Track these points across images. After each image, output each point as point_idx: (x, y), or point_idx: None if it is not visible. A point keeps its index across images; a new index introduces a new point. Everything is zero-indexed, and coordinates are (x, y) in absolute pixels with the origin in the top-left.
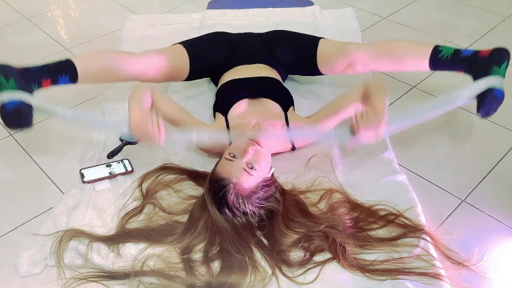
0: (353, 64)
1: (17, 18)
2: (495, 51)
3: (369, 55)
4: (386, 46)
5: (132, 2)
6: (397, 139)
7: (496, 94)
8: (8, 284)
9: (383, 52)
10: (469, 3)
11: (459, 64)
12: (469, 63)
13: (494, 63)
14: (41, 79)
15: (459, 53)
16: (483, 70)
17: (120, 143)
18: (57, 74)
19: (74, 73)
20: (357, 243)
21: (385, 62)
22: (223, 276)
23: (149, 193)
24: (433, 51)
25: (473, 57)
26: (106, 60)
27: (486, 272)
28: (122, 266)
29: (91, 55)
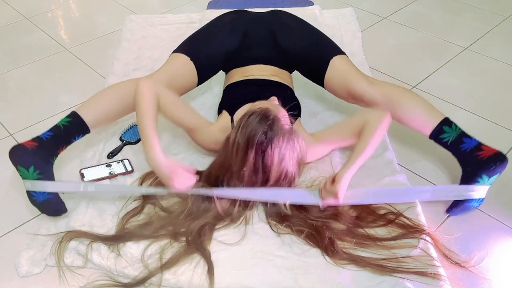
0: (358, 100)
1: (17, 18)
2: (494, 158)
3: (375, 102)
4: (396, 99)
5: (132, 2)
6: (397, 139)
7: (469, 206)
8: (8, 284)
9: (390, 105)
10: (469, 3)
11: (456, 154)
12: (465, 159)
13: (485, 173)
14: (57, 150)
15: (461, 143)
16: (472, 174)
17: (120, 143)
18: (70, 139)
19: (85, 129)
20: (353, 240)
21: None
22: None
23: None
24: (437, 128)
25: (471, 154)
26: (111, 101)
27: (485, 272)
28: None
29: (95, 100)
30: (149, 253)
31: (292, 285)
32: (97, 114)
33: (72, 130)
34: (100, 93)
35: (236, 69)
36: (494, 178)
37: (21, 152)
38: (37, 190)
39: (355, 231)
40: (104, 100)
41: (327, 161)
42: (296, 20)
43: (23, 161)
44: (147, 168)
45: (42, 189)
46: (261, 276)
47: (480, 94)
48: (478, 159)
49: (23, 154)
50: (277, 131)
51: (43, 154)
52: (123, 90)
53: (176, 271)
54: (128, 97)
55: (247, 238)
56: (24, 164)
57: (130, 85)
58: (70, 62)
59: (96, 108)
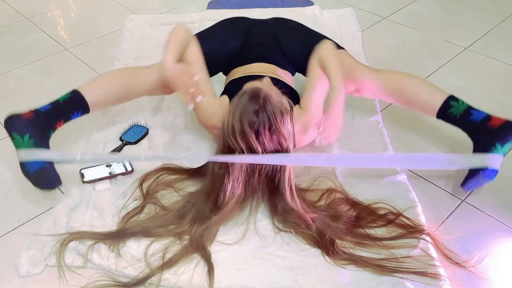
0: (361, 90)
1: (17, 18)
2: (504, 126)
3: (378, 88)
4: (398, 82)
5: (132, 2)
6: (397, 139)
7: (486, 175)
8: (8, 284)
9: (393, 89)
10: (470, 3)
11: (465, 126)
12: (475, 130)
13: (498, 141)
14: (55, 124)
15: (469, 115)
16: (485, 144)
17: (120, 143)
18: (69, 114)
19: (85, 107)
20: (352, 239)
21: (394, 97)
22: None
23: (150, 193)
24: (444, 104)
25: (481, 124)
26: (114, 84)
27: (485, 272)
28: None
29: (98, 82)
30: (151, 252)
31: (292, 285)
32: (98, 95)
33: (71, 105)
34: (104, 75)
35: (237, 68)
36: (508, 146)
37: (17, 120)
38: (31, 159)
39: (355, 231)
40: (108, 82)
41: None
42: (297, 24)
43: (18, 129)
44: (147, 168)
45: (36, 158)
46: (261, 276)
47: (480, 94)
48: (490, 129)
49: (18, 122)
50: (268, 109)
51: (40, 125)
52: (128, 75)
53: (176, 271)
54: (131, 83)
55: (247, 238)
56: (19, 132)
57: (135, 71)
58: (70, 62)
59: (98, 89)
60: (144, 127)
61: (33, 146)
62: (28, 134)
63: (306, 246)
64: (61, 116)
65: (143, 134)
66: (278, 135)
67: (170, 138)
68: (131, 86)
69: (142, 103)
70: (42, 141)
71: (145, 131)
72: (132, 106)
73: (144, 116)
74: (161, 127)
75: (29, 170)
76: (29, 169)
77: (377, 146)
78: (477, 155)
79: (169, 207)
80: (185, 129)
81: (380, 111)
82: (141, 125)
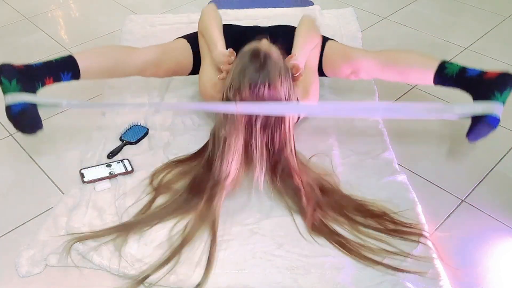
0: (357, 71)
1: (17, 18)
2: (501, 76)
3: (373, 64)
4: (392, 56)
5: (132, 2)
6: (397, 139)
7: (489, 121)
8: (8, 284)
9: (388, 63)
10: (469, 3)
11: (463, 83)
12: (473, 84)
13: (496, 89)
14: (44, 78)
15: (465, 72)
16: (484, 94)
17: (120, 143)
18: (59, 72)
19: (76, 70)
20: (335, 215)
21: (390, 72)
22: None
23: (162, 185)
24: (439, 67)
25: (478, 78)
26: (108, 56)
27: (486, 272)
28: (134, 273)
29: (92, 51)
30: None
31: (292, 285)
32: (91, 63)
33: (63, 65)
34: (101, 47)
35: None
36: (507, 94)
37: (7, 67)
38: (16, 101)
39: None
40: (102, 52)
41: (327, 161)
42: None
43: (7, 74)
44: (147, 168)
45: (21, 100)
46: (261, 276)
47: None
48: (487, 80)
49: (8, 68)
50: (269, 66)
51: (29, 76)
52: (124, 50)
53: (176, 271)
54: (124, 63)
55: (247, 238)
56: (7, 77)
57: (129, 52)
58: None
59: (92, 57)
60: (144, 127)
61: (19, 91)
62: (15, 79)
63: (306, 245)
64: (51, 73)
65: (143, 134)
66: (276, 92)
67: (170, 138)
68: (125, 61)
69: (142, 103)
70: (28, 89)
71: (145, 131)
72: (132, 106)
73: (144, 116)
74: (161, 127)
75: (13, 112)
76: (13, 111)
77: (377, 146)
78: (477, 103)
79: (180, 190)
80: (185, 129)
81: None
82: (141, 125)
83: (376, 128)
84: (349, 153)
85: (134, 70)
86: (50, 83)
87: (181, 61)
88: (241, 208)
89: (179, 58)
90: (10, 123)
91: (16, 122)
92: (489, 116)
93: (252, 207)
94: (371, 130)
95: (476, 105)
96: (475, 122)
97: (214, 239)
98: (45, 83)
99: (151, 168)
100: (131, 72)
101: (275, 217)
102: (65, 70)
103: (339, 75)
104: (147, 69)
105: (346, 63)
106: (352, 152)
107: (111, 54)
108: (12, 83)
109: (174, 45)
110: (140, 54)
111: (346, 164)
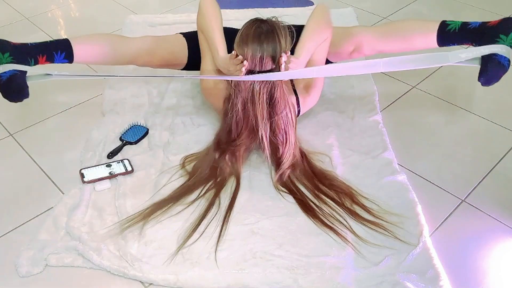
0: (359, 47)
1: (17, 18)
2: (504, 20)
3: (375, 36)
4: (392, 26)
5: (132, 2)
6: (397, 139)
7: (500, 60)
8: (8, 284)
9: (390, 32)
10: (469, 3)
11: (467, 36)
12: (477, 34)
13: (501, 32)
14: (37, 55)
15: (467, 25)
16: (489, 39)
17: (120, 143)
18: (52, 52)
19: (70, 52)
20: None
21: (392, 41)
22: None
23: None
24: (441, 25)
25: (481, 27)
26: (102, 41)
27: (486, 272)
28: (134, 272)
29: (88, 36)
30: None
31: (292, 285)
32: (84, 48)
33: (57, 46)
34: (95, 34)
35: None
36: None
37: (2, 41)
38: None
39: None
40: (95, 40)
41: (327, 161)
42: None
43: (1, 47)
44: (147, 168)
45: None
46: (261, 276)
47: (480, 94)
48: (490, 27)
49: (3, 43)
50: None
51: (23, 52)
52: (115, 41)
53: (176, 271)
54: (116, 49)
55: (247, 238)
56: (1, 50)
57: (122, 39)
58: None
59: (86, 41)
60: (144, 127)
61: (11, 62)
62: (8, 52)
63: (306, 245)
64: (45, 51)
65: (143, 134)
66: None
67: (170, 138)
68: (119, 47)
69: (142, 103)
70: (21, 62)
71: (145, 131)
72: (132, 106)
73: (144, 116)
74: (161, 127)
75: (2, 78)
76: (2, 78)
77: (377, 146)
78: (484, 46)
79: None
80: (185, 129)
81: (380, 111)
82: (141, 125)
83: (376, 128)
84: (349, 153)
85: (128, 57)
86: (43, 62)
87: (176, 52)
88: (241, 208)
89: (174, 50)
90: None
91: (2, 88)
92: (498, 55)
93: (252, 207)
94: (371, 130)
95: (482, 47)
96: (485, 62)
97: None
98: (38, 61)
99: (151, 168)
100: (125, 58)
101: (275, 217)
102: (58, 49)
103: (342, 55)
104: (140, 57)
105: (347, 41)
106: (352, 152)
107: (106, 39)
108: (5, 56)
109: (170, 37)
110: (134, 41)
111: (346, 164)
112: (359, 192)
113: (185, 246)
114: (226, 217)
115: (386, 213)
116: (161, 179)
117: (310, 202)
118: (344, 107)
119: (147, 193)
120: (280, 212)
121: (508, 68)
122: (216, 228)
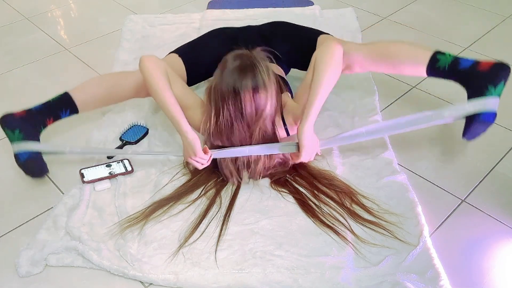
0: (351, 66)
1: (17, 18)
2: (495, 67)
3: (366, 58)
4: (384, 49)
5: (132, 2)
6: (397, 139)
7: (484, 119)
8: (8, 284)
9: (380, 56)
10: (469, 3)
11: (456, 76)
12: (466, 77)
13: (490, 83)
14: (45, 120)
15: (457, 64)
16: (478, 89)
17: (120, 143)
18: (58, 112)
19: (73, 106)
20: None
21: (383, 66)
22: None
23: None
24: (431, 59)
25: (471, 70)
26: (101, 85)
27: (486, 273)
28: (134, 272)
29: (86, 84)
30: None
31: (292, 285)
32: (86, 97)
33: (60, 104)
34: (93, 79)
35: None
36: (501, 87)
37: (9, 117)
38: (22, 150)
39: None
40: (95, 84)
41: (326, 162)
42: (291, 27)
43: (9, 124)
44: (147, 168)
45: (26, 148)
46: (261, 276)
47: None
48: (480, 73)
49: (10, 119)
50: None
51: (31, 121)
52: (115, 77)
53: (176, 271)
54: (117, 89)
55: (247, 238)
56: (10, 127)
57: (121, 77)
58: (70, 62)
59: (86, 90)
60: (144, 127)
61: (22, 139)
62: (18, 129)
63: (306, 246)
64: (50, 113)
65: (143, 134)
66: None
67: (169, 138)
68: (118, 87)
69: (142, 103)
70: (31, 135)
71: (145, 131)
72: (132, 106)
73: (144, 116)
74: (161, 127)
75: (21, 160)
76: (20, 159)
77: (377, 146)
78: (469, 102)
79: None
80: None
81: (380, 111)
82: (141, 125)
83: None
84: (349, 153)
85: (130, 94)
86: (51, 123)
87: (176, 72)
88: (241, 208)
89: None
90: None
91: (24, 168)
92: (483, 114)
93: (252, 207)
94: None
95: (467, 105)
96: (470, 121)
97: (238, 188)
98: (46, 125)
99: (151, 168)
100: (127, 95)
101: (275, 217)
102: (62, 108)
103: None
104: (141, 90)
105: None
106: (352, 152)
107: (104, 82)
108: (16, 133)
109: (167, 58)
110: (132, 77)
111: (346, 164)
112: (358, 192)
113: (186, 245)
114: (226, 217)
115: (386, 213)
116: (162, 179)
117: (310, 202)
118: (344, 107)
119: (147, 193)
120: (280, 212)
121: (493, 121)
122: (216, 228)
